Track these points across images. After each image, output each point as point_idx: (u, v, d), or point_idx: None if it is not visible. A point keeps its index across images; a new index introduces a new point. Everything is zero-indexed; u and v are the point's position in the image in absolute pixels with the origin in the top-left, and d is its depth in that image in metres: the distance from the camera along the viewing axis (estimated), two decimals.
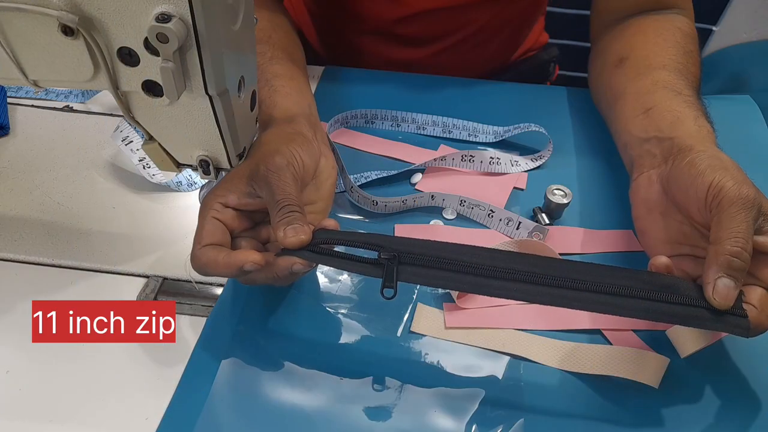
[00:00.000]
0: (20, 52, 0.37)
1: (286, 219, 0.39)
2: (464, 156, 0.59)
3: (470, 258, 0.39)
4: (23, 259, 0.51)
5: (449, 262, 0.39)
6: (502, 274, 0.38)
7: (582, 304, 0.37)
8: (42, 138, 0.63)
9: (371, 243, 0.40)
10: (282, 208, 0.40)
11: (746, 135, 0.65)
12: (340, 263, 0.40)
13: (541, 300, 0.38)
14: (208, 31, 0.34)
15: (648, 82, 0.53)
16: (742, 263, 0.37)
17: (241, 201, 0.43)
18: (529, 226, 0.52)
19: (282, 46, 0.57)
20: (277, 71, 0.53)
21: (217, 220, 0.42)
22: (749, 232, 0.37)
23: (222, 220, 0.42)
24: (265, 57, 0.54)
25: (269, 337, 0.46)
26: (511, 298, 0.38)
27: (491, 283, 0.38)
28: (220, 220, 0.42)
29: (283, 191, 0.40)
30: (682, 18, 0.60)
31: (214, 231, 0.42)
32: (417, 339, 0.46)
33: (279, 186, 0.41)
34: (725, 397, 0.43)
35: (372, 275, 0.39)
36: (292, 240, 0.39)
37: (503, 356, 0.45)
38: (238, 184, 0.43)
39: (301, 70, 0.58)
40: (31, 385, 0.43)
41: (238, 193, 0.43)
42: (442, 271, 0.39)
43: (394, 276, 0.38)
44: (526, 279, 0.38)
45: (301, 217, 0.40)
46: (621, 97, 0.55)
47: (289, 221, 0.39)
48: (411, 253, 0.39)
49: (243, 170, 0.43)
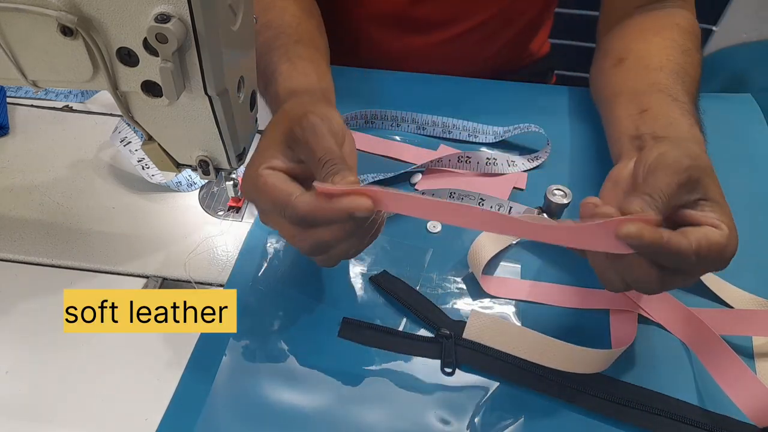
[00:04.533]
0: (19, 52, 0.37)
1: (332, 170, 0.38)
2: (461, 157, 0.59)
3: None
4: (23, 259, 0.51)
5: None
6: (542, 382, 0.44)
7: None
8: (42, 138, 0.63)
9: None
10: (326, 163, 0.38)
11: (746, 135, 0.65)
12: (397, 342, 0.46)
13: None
14: (208, 31, 0.34)
15: (644, 84, 0.53)
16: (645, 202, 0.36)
17: (287, 165, 0.40)
18: (520, 210, 0.53)
19: (309, 33, 0.57)
20: (300, 52, 0.53)
21: (280, 178, 0.39)
22: (672, 190, 0.37)
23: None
24: (291, 39, 0.54)
25: (269, 337, 0.46)
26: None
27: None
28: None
29: (323, 147, 0.39)
30: (683, 13, 0.60)
31: (290, 183, 0.39)
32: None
33: (318, 143, 0.39)
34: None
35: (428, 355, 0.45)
36: (340, 183, 0.37)
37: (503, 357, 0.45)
38: (277, 151, 0.41)
39: (324, 58, 0.57)
40: (31, 385, 0.43)
41: (282, 157, 0.41)
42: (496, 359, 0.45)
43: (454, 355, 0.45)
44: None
45: (345, 166, 0.38)
46: (617, 96, 0.55)
47: (334, 172, 0.38)
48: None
49: (276, 137, 0.41)
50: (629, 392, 0.43)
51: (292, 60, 0.51)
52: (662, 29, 0.58)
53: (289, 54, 0.52)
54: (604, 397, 0.42)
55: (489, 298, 0.49)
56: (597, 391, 0.43)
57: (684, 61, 0.54)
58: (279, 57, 0.52)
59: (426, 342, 0.46)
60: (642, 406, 0.42)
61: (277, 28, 0.54)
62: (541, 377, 0.43)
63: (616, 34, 0.62)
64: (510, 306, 0.49)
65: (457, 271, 0.51)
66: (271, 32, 0.54)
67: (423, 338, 0.46)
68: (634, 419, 0.41)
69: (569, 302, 0.49)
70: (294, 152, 0.41)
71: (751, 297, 0.49)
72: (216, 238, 0.53)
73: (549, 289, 0.50)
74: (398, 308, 0.48)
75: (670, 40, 0.56)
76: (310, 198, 0.37)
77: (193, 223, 0.55)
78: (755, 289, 0.49)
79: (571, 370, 0.43)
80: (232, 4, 0.37)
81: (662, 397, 0.43)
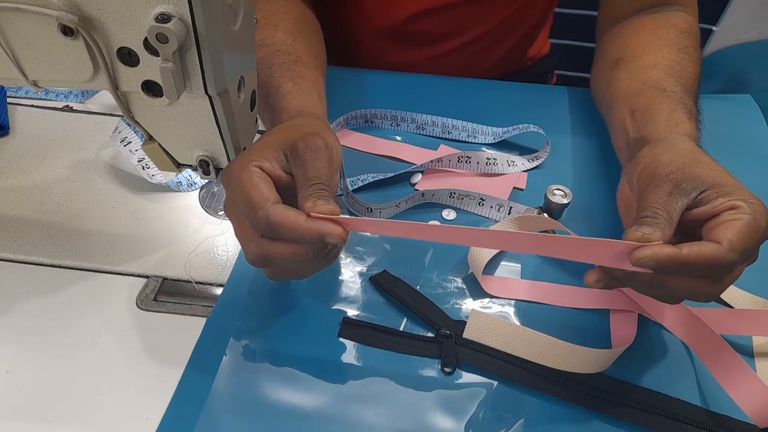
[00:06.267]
0: (20, 52, 0.37)
1: (317, 194, 0.38)
2: (461, 157, 0.59)
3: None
4: (23, 259, 0.51)
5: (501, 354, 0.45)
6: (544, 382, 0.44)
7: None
8: (42, 138, 0.63)
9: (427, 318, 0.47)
10: (313, 184, 0.39)
11: (746, 135, 0.65)
12: (397, 341, 0.46)
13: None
14: (208, 31, 0.34)
15: (638, 84, 0.53)
16: (652, 219, 0.36)
17: (276, 171, 0.40)
18: (521, 210, 0.53)
19: (306, 49, 0.57)
20: (302, 72, 0.53)
21: (265, 180, 0.39)
22: (663, 201, 0.37)
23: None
24: (290, 58, 0.54)
25: (269, 337, 0.46)
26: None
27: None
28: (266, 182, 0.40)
29: (317, 171, 0.39)
30: (681, 14, 0.60)
31: (272, 190, 0.39)
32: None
33: (314, 165, 0.40)
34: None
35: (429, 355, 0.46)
36: (322, 209, 0.37)
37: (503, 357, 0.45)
38: (275, 154, 0.41)
39: (322, 75, 0.58)
40: (31, 385, 0.43)
41: (274, 162, 0.40)
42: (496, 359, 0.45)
43: (454, 354, 0.45)
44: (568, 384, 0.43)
45: (331, 196, 0.39)
46: (615, 100, 0.55)
47: (320, 196, 0.38)
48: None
49: (276, 142, 0.41)
50: (629, 392, 0.43)
51: (295, 80, 0.52)
52: (659, 29, 0.58)
53: (291, 73, 0.52)
54: (605, 397, 0.42)
55: (489, 298, 0.49)
56: (597, 391, 0.43)
57: (680, 58, 0.54)
58: (281, 75, 0.52)
59: (426, 342, 0.46)
60: (642, 406, 0.42)
61: (271, 46, 0.54)
62: (541, 377, 0.44)
63: (614, 35, 0.62)
64: (510, 306, 0.49)
65: (457, 271, 0.51)
66: (266, 50, 0.54)
67: (423, 338, 0.46)
68: (634, 419, 0.41)
69: (569, 302, 0.49)
70: (287, 163, 0.41)
71: (751, 297, 0.49)
72: (216, 238, 0.54)
73: (549, 289, 0.50)
74: (398, 308, 0.48)
75: (666, 39, 0.56)
76: (287, 211, 0.37)
77: (193, 223, 0.55)
78: (755, 289, 0.49)
79: (571, 370, 0.43)
80: (233, 4, 0.37)
81: (662, 397, 0.43)
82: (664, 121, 0.47)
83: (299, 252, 0.38)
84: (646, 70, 0.54)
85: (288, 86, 0.51)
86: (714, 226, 0.36)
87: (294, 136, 0.41)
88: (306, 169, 0.39)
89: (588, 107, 0.66)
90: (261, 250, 0.39)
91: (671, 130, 0.46)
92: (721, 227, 0.36)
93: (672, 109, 0.48)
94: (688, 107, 0.49)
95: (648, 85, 0.52)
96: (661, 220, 0.36)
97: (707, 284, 0.37)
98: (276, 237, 0.38)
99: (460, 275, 0.51)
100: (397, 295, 0.48)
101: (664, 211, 0.37)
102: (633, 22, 0.61)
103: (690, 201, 0.38)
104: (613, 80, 0.57)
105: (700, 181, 0.38)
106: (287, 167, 0.41)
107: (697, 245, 0.35)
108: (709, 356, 0.44)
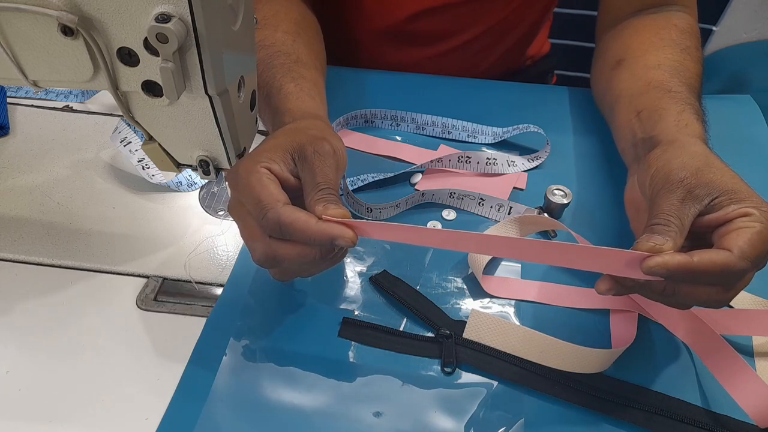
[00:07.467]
0: (20, 52, 0.37)
1: (325, 198, 0.39)
2: (461, 157, 0.59)
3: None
4: (23, 259, 0.51)
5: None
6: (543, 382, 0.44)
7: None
8: (42, 138, 0.63)
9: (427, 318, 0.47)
10: (321, 189, 0.39)
11: (746, 135, 0.65)
12: (397, 341, 0.46)
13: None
14: (208, 31, 0.34)
15: (642, 84, 0.53)
16: (663, 228, 0.36)
17: (283, 174, 0.40)
18: (521, 210, 0.53)
19: (306, 50, 0.57)
20: (303, 73, 0.53)
21: (274, 182, 0.39)
22: (675, 208, 0.37)
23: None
24: (290, 58, 0.54)
25: (269, 337, 0.46)
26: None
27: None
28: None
29: (325, 175, 0.40)
30: (681, 14, 0.60)
31: (281, 191, 0.39)
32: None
33: (322, 170, 0.40)
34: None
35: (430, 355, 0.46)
36: (334, 212, 0.38)
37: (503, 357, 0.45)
38: (282, 156, 0.41)
39: (322, 76, 0.58)
40: (31, 385, 0.43)
41: (282, 165, 0.40)
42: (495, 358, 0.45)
43: (454, 354, 0.45)
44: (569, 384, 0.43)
45: (338, 200, 0.39)
46: (618, 101, 0.55)
47: (328, 201, 0.39)
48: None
49: (284, 145, 0.41)
50: (630, 392, 0.43)
51: (296, 81, 0.52)
52: (660, 30, 0.58)
53: (292, 74, 0.52)
54: (605, 397, 0.42)
55: (489, 298, 0.49)
56: (597, 391, 0.43)
57: (683, 58, 0.54)
58: (282, 75, 0.52)
59: (426, 342, 0.46)
60: (643, 406, 0.42)
61: (271, 47, 0.54)
62: (541, 377, 0.44)
63: (615, 36, 0.62)
64: (510, 306, 0.49)
65: (457, 271, 0.51)
66: (266, 50, 0.54)
67: (423, 338, 0.46)
68: (634, 419, 0.41)
69: (569, 302, 0.49)
70: (295, 166, 0.41)
71: (751, 297, 0.49)
72: (216, 238, 0.54)
73: (549, 288, 0.50)
74: (398, 308, 0.48)
75: (668, 40, 0.56)
76: (298, 212, 0.38)
77: (193, 223, 0.55)
78: (755, 289, 0.49)
79: (571, 370, 0.43)
80: (233, 4, 0.37)
81: (663, 397, 0.43)
82: (673, 121, 0.47)
83: (307, 253, 0.39)
84: (649, 71, 0.53)
85: (290, 87, 0.51)
86: (725, 233, 0.36)
87: (301, 139, 0.41)
88: (315, 173, 0.40)
89: (588, 107, 0.66)
90: (269, 250, 0.39)
91: (681, 131, 0.45)
92: (732, 234, 0.36)
93: (680, 109, 0.48)
94: (695, 108, 0.49)
95: (652, 85, 0.52)
96: (673, 227, 0.36)
97: (718, 291, 0.37)
98: (285, 237, 0.38)
99: (460, 275, 0.51)
100: (397, 295, 0.48)
101: (677, 219, 0.37)
102: (633, 22, 0.61)
103: (702, 207, 0.38)
104: (615, 81, 0.57)
105: (713, 187, 0.38)
106: (294, 170, 0.41)
107: (708, 253, 0.35)
108: (710, 356, 0.44)
